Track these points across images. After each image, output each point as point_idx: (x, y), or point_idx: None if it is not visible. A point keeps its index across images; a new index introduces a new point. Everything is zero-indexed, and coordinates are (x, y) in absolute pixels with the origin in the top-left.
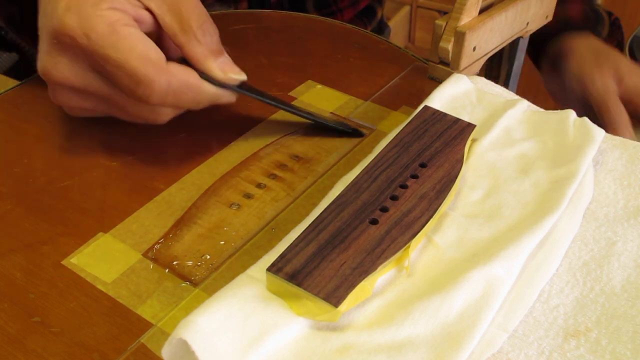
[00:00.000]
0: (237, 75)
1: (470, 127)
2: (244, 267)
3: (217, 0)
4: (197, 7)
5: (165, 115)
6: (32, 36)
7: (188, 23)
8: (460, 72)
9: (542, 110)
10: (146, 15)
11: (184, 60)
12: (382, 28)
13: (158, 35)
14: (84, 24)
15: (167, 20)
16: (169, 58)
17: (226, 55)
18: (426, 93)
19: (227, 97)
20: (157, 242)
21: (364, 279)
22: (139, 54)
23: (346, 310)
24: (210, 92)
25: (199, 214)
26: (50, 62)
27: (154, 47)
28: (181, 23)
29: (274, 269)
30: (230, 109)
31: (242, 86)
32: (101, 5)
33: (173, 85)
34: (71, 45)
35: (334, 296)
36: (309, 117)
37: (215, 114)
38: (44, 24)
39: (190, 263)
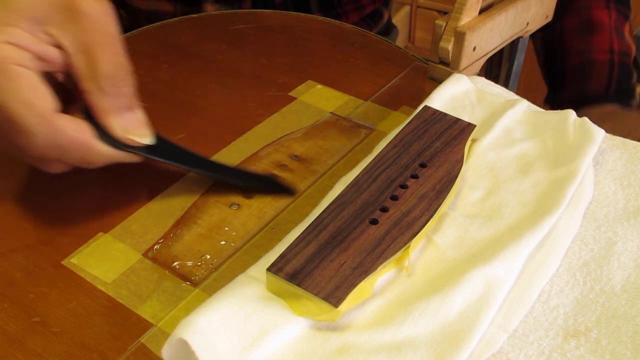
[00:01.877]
0: (141, 138)
1: (470, 127)
2: (244, 267)
3: (219, 0)
4: (115, 52)
5: (55, 167)
6: None
7: (98, 69)
8: (460, 72)
9: (542, 110)
10: (54, 53)
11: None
12: (389, 29)
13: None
14: None
15: (76, 62)
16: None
17: (137, 112)
18: (426, 93)
19: (127, 158)
20: (157, 242)
21: (364, 279)
22: (23, 99)
23: (346, 310)
24: (103, 154)
25: (199, 214)
26: None
27: (44, 94)
28: (90, 68)
29: (274, 269)
30: (230, 108)
31: (152, 149)
32: None
33: (58, 140)
34: None
35: (334, 296)
36: (230, 180)
37: (215, 114)
38: None
39: (190, 263)
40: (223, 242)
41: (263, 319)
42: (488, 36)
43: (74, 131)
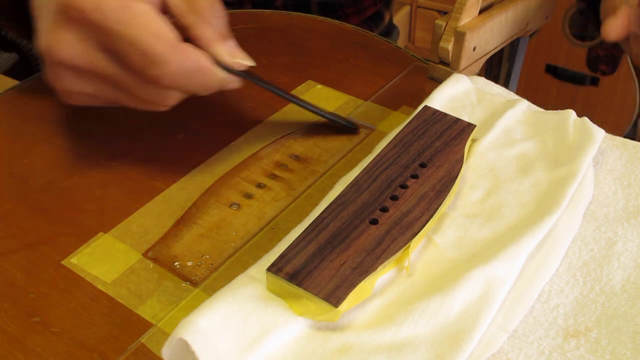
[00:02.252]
0: (245, 61)
1: (470, 127)
2: (244, 267)
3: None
4: None
5: (173, 99)
6: (24, 24)
7: (196, 3)
8: (460, 72)
9: (542, 110)
10: None
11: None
12: (390, 30)
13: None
14: None
15: (175, 1)
16: None
17: (233, 39)
18: (426, 93)
19: (234, 83)
20: (157, 242)
21: (364, 279)
22: (154, 31)
23: (346, 310)
24: (219, 77)
25: (199, 214)
26: (55, 38)
27: (168, 25)
28: (190, 2)
29: (274, 269)
30: (230, 108)
31: (248, 73)
32: None
33: (186, 66)
34: (80, 20)
35: (334, 296)
36: (312, 109)
37: (215, 114)
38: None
39: (190, 263)
40: (223, 242)
41: (263, 319)
42: (488, 36)
43: (199, 57)
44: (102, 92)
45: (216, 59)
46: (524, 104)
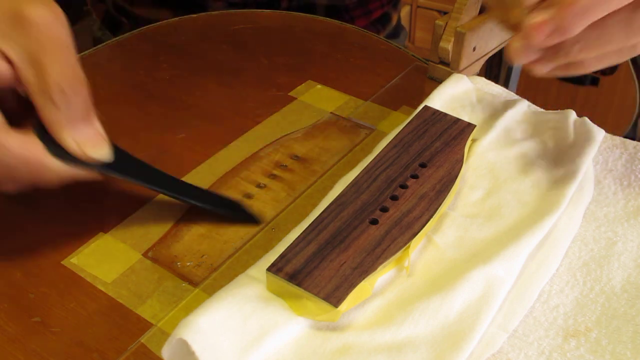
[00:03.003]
0: (96, 152)
1: (470, 127)
2: (244, 267)
3: (222, 9)
4: (65, 62)
5: (7, 187)
6: None
7: (48, 81)
8: (460, 72)
9: (542, 110)
10: (3, 67)
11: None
12: (397, 32)
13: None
14: None
15: (25, 75)
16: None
17: (94, 125)
18: (426, 93)
19: (87, 175)
20: (157, 242)
21: (364, 279)
22: None
23: (346, 310)
24: (57, 171)
25: (199, 214)
26: None
27: None
28: (39, 79)
29: (274, 269)
30: (230, 108)
31: (112, 166)
32: None
33: (4, 158)
34: None
35: (334, 296)
36: (195, 203)
37: (215, 114)
38: None
39: (190, 263)
40: (223, 242)
41: (263, 319)
42: (488, 36)
43: (21, 147)
44: None
45: (63, 147)
46: (524, 104)
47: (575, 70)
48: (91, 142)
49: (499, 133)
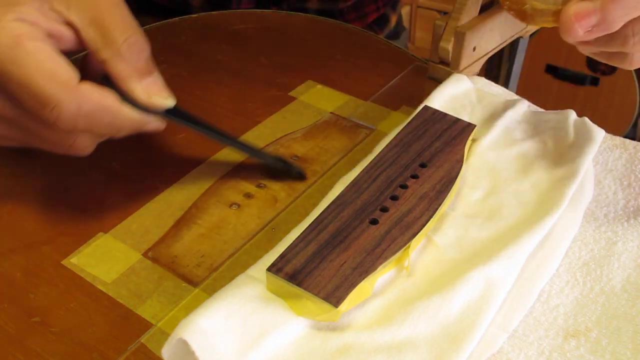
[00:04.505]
0: (163, 100)
1: (470, 127)
2: (244, 267)
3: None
4: (124, 18)
5: (81, 143)
6: None
7: (112, 36)
8: (460, 72)
9: (542, 110)
10: (65, 31)
11: (107, 79)
12: (397, 33)
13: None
14: None
15: (89, 34)
16: (96, 78)
17: (156, 75)
18: (426, 93)
19: (153, 124)
20: (157, 242)
21: (364, 279)
22: (45, 71)
23: (346, 310)
24: (130, 118)
25: (199, 214)
26: None
27: (64, 64)
28: (104, 37)
29: (274, 269)
30: (230, 108)
31: (173, 112)
32: (7, 17)
33: (84, 108)
34: None
35: (334, 296)
36: (250, 152)
37: (215, 114)
38: None
39: (190, 263)
40: (223, 242)
41: (263, 319)
42: (488, 36)
43: (100, 97)
44: (10, 133)
45: (131, 96)
46: (524, 104)
47: (620, 61)
48: (157, 89)
49: (499, 133)
